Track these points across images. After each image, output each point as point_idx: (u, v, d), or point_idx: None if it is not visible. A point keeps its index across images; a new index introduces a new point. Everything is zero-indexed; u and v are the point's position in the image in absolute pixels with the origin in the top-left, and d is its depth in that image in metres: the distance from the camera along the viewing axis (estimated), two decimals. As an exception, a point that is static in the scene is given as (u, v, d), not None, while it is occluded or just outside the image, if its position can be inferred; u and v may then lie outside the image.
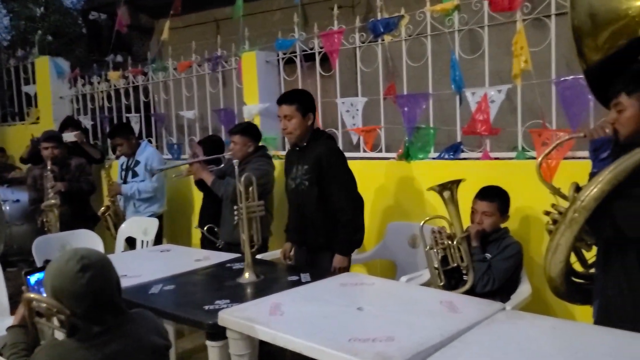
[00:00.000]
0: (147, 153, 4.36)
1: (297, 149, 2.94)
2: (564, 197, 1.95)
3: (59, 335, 1.65)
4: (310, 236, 2.90)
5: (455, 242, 2.60)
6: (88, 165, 4.46)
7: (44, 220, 4.11)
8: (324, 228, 2.85)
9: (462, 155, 3.28)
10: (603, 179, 1.78)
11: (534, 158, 2.84)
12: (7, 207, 4.40)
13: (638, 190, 1.76)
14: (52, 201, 4.05)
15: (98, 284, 1.51)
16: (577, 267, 2.14)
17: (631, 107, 1.81)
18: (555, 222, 1.92)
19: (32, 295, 1.58)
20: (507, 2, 2.90)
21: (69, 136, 5.06)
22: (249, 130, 3.60)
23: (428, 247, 2.65)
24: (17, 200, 4.48)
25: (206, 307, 2.17)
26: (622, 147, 1.84)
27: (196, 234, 4.28)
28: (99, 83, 5.76)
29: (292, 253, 3.13)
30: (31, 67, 6.31)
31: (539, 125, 3.00)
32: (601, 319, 1.93)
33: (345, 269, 2.81)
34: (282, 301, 2.12)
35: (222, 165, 3.81)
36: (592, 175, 1.85)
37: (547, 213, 1.98)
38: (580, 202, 1.83)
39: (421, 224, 2.70)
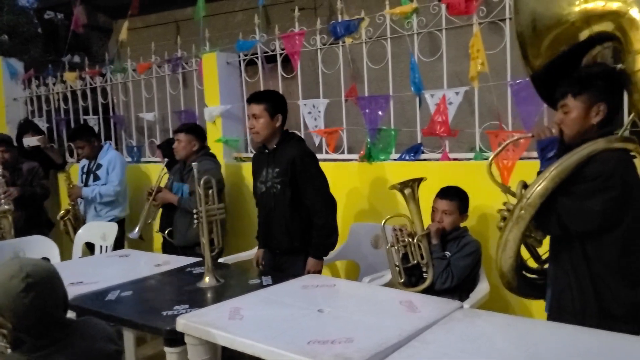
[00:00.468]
0: (109, 156, 4.28)
1: (267, 151, 2.91)
2: (514, 195, 2.01)
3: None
4: (283, 240, 2.87)
5: (415, 240, 2.64)
6: (41, 168, 4.33)
7: None
8: (297, 231, 2.83)
9: (423, 156, 3.32)
10: (547, 176, 1.86)
11: (492, 158, 2.90)
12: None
13: (579, 187, 1.84)
14: (6, 207, 3.92)
15: (42, 303, 1.45)
16: (532, 263, 2.20)
17: (576, 109, 1.89)
18: (505, 219, 1.98)
19: None
20: (464, 5, 2.95)
21: (32, 140, 4.89)
22: (194, 130, 3.61)
23: (389, 245, 2.68)
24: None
25: (164, 313, 2.13)
26: (567, 146, 1.92)
27: (158, 239, 4.21)
28: (54, 84, 5.58)
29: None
30: (-18, 68, 6.06)
31: (496, 127, 3.07)
32: (552, 313, 2.00)
33: (318, 272, 2.81)
34: (242, 305, 2.09)
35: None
36: (539, 174, 1.92)
37: (500, 211, 2.04)
38: (526, 200, 1.90)
39: (382, 222, 2.71)
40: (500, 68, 3.10)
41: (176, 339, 1.99)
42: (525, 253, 2.22)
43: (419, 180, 2.73)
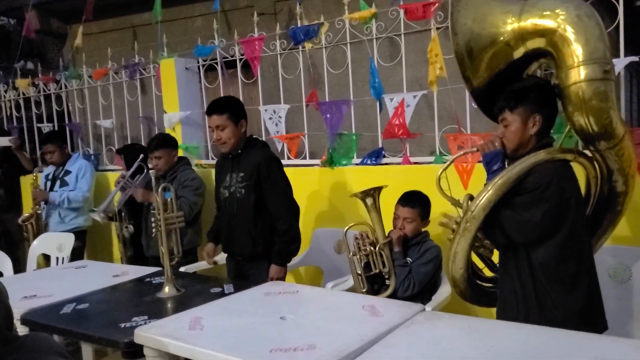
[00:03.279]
0: (79, 164, 4.21)
1: (230, 156, 2.86)
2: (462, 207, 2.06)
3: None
4: (246, 246, 2.83)
5: (377, 249, 2.62)
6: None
7: None
8: (261, 237, 2.79)
9: (384, 160, 3.34)
10: (490, 189, 1.92)
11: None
12: None
13: (519, 198, 1.92)
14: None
15: None
16: (488, 272, 2.26)
17: (514, 122, 1.98)
18: (454, 231, 2.04)
19: None
20: (422, 10, 3.00)
21: (3, 140, 4.69)
22: (168, 141, 3.52)
23: (351, 254, 2.66)
24: None
25: (122, 325, 2.05)
26: (509, 159, 2.00)
27: (117, 249, 4.09)
28: (5, 91, 5.38)
29: (215, 257, 3.10)
30: None
31: (455, 130, 3.12)
32: (498, 318, 2.05)
33: (282, 279, 2.78)
34: (203, 315, 2.05)
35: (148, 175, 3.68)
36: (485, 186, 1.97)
37: (442, 224, 2.10)
38: (470, 212, 1.96)
39: (344, 230, 2.71)
40: (457, 73, 3.15)
41: (135, 351, 1.92)
42: (480, 262, 2.29)
43: (380, 189, 2.72)
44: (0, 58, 8.95)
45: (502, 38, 1.96)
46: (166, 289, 2.45)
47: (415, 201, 2.69)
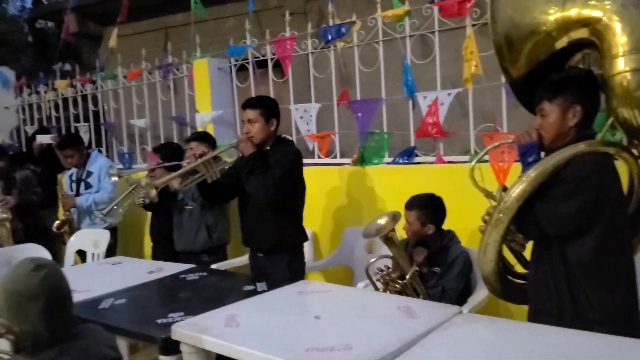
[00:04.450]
0: (99, 163, 4.22)
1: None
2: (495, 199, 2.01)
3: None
4: (270, 239, 2.83)
5: (407, 280, 2.50)
6: (35, 177, 4.26)
7: None
8: (285, 230, 2.79)
9: (416, 159, 3.30)
10: (525, 179, 1.87)
11: (487, 161, 2.89)
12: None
13: (555, 190, 1.85)
14: (3, 215, 3.86)
15: (53, 282, 1.47)
16: (520, 268, 2.20)
17: (553, 112, 1.91)
18: (485, 222, 1.99)
19: None
20: (457, 7, 2.95)
21: (45, 138, 4.83)
22: (207, 138, 3.54)
23: (381, 290, 2.58)
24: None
25: (159, 321, 2.08)
26: (546, 151, 1.93)
27: (148, 246, 4.16)
28: (45, 92, 5.54)
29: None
30: (-26, 77, 6.02)
31: (490, 129, 3.06)
32: (530, 316, 2.00)
33: None
34: (238, 312, 2.06)
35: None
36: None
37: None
38: (504, 203, 1.90)
39: (365, 268, 2.63)
40: (493, 70, 3.10)
41: (171, 347, 1.95)
42: (512, 258, 2.23)
43: (397, 220, 2.58)
44: (39, 60, 9.26)
45: (543, 27, 1.89)
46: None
47: (415, 204, 2.61)
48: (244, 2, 6.16)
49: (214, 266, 3.28)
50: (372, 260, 2.64)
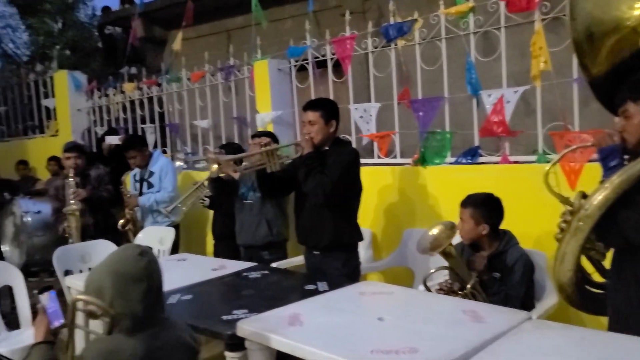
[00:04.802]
0: (160, 163, 4.36)
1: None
2: (572, 206, 1.91)
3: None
4: (328, 236, 2.85)
5: (467, 291, 2.42)
6: (107, 175, 4.47)
7: (66, 226, 4.12)
8: (341, 228, 2.81)
9: (480, 159, 3.21)
10: (608, 186, 1.75)
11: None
12: (29, 218, 4.43)
13: None
14: (74, 206, 4.05)
15: (154, 269, 1.59)
16: (598, 277, 2.09)
17: (638, 114, 1.79)
18: (563, 230, 1.89)
19: (81, 296, 1.55)
20: (525, 2, 2.85)
21: (114, 139, 5.09)
22: (271, 136, 3.59)
23: None
24: (39, 212, 4.50)
25: (224, 317, 2.14)
26: (630, 155, 1.81)
27: (211, 242, 4.27)
28: (114, 95, 5.80)
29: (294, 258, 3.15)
30: (50, 81, 6.40)
31: (559, 127, 2.93)
32: (611, 325, 1.89)
33: None
34: (301, 311, 2.08)
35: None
36: (601, 183, 1.81)
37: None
38: (584, 211, 1.80)
39: (422, 282, 2.57)
40: (559, 67, 2.97)
41: (236, 343, 1.99)
42: (589, 266, 2.11)
43: (451, 235, 2.49)
44: (108, 64, 9.74)
45: (628, 23, 1.79)
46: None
47: (469, 201, 2.54)
48: (302, 3, 6.24)
49: (274, 265, 3.33)
50: (431, 271, 2.57)
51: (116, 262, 1.56)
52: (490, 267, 2.47)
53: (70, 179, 4.06)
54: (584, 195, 1.87)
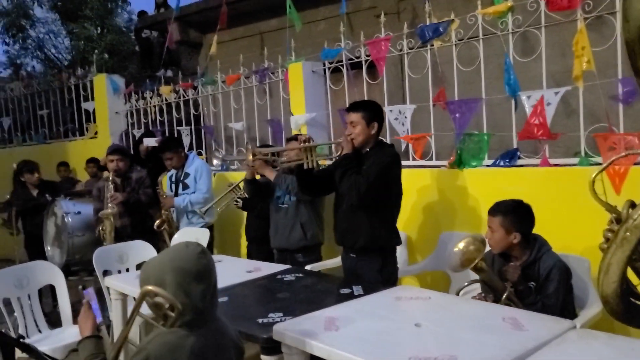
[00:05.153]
0: (195, 165, 4.42)
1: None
2: (619, 215, 1.82)
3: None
4: (359, 240, 2.83)
5: (502, 302, 2.33)
6: (148, 178, 4.55)
7: (101, 228, 4.23)
8: (378, 230, 2.78)
9: (519, 162, 3.14)
10: None
11: (600, 164, 2.68)
12: (70, 219, 4.55)
13: None
14: (109, 210, 4.15)
15: (212, 267, 1.64)
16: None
17: None
18: (608, 240, 1.81)
19: (151, 288, 1.57)
20: (566, 0, 2.76)
21: (151, 141, 5.21)
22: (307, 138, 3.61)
23: None
24: (79, 212, 4.63)
25: (260, 320, 2.15)
26: None
27: (244, 244, 4.30)
28: (151, 98, 5.92)
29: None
30: (90, 84, 6.57)
31: (605, 129, 2.83)
32: None
33: None
34: (337, 316, 2.07)
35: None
36: None
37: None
38: (632, 221, 1.71)
39: (456, 292, 2.51)
40: (601, 67, 2.88)
41: (273, 347, 2.00)
42: (635, 278, 2.02)
43: (482, 249, 2.40)
44: (144, 67, 9.95)
45: None
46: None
47: (498, 209, 2.43)
48: (336, 5, 6.22)
49: (308, 267, 3.33)
50: (464, 285, 2.51)
51: (179, 259, 1.58)
52: (524, 276, 2.37)
53: (110, 183, 4.17)
54: (633, 205, 1.79)
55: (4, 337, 1.90)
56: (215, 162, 3.68)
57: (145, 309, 1.65)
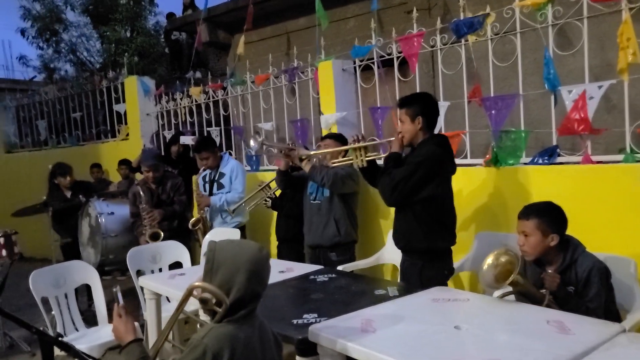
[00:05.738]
0: (231, 165, 4.45)
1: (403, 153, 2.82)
2: None
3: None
4: (401, 240, 2.78)
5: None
6: (183, 185, 4.59)
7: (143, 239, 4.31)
8: (426, 231, 2.67)
9: (559, 159, 3.03)
10: None
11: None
12: (103, 220, 4.62)
13: None
14: (150, 230, 4.24)
15: (269, 260, 1.70)
16: None
17: None
18: None
19: (198, 283, 1.62)
20: (611, -10, 2.65)
21: (187, 139, 5.27)
22: (340, 138, 3.58)
23: None
24: (112, 213, 4.69)
25: (295, 321, 2.12)
26: None
27: (274, 244, 4.29)
28: (181, 99, 5.96)
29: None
30: (121, 86, 6.67)
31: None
32: None
33: None
34: (373, 317, 2.02)
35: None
36: None
37: None
38: None
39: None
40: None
41: (308, 348, 1.96)
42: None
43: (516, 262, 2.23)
44: (174, 69, 10.07)
45: None
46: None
47: (532, 211, 2.27)
48: (365, 2, 6.18)
49: (340, 267, 3.29)
50: (497, 295, 2.39)
51: (254, 263, 1.63)
52: (561, 281, 2.23)
53: (142, 192, 4.25)
54: None
55: (43, 336, 1.92)
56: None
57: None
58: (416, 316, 2.05)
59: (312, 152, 3.16)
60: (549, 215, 2.26)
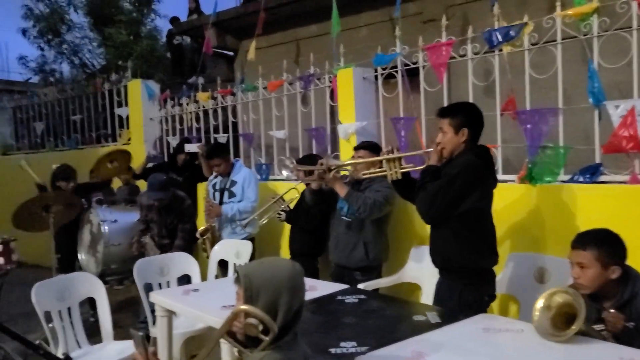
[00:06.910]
0: (243, 173, 4.25)
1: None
2: None
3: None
4: (437, 260, 2.59)
5: None
6: (190, 208, 4.35)
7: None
8: (456, 249, 2.47)
9: (602, 178, 2.86)
10: None
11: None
12: (106, 227, 4.39)
13: None
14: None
15: (303, 274, 1.57)
16: None
17: None
18: None
19: (245, 307, 1.44)
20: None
21: (192, 147, 5.07)
22: (375, 148, 3.36)
23: None
24: (115, 221, 4.47)
25: (332, 350, 1.92)
26: None
27: (287, 257, 4.09)
28: (187, 104, 5.76)
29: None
30: (124, 90, 6.46)
31: None
32: None
33: None
34: (423, 349, 1.83)
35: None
36: None
37: None
38: None
39: None
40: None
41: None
42: None
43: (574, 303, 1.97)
44: (175, 74, 9.87)
45: None
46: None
47: (589, 240, 2.04)
48: (379, 11, 6.05)
49: (360, 285, 3.09)
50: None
51: (293, 280, 1.51)
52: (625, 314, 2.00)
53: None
54: None
55: (51, 358, 1.75)
56: (284, 173, 3.44)
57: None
58: (468, 347, 1.86)
59: (343, 163, 2.94)
60: (609, 245, 2.03)
